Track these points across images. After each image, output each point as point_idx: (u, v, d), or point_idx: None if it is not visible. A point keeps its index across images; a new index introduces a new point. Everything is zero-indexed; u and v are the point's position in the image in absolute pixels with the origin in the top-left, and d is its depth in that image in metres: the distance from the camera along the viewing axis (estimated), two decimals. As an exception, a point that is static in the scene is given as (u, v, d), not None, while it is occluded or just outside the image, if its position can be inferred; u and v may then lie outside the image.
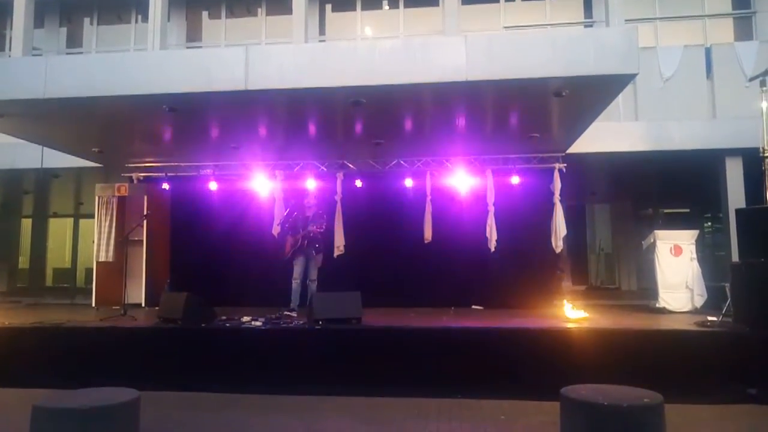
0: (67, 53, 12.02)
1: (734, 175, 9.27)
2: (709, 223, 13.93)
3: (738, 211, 7.56)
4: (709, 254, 12.45)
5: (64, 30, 12.37)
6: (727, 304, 7.06)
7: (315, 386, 6.05)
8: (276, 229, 9.06)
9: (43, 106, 6.58)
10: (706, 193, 10.93)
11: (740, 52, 9.46)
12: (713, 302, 7.86)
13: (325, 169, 9.60)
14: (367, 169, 9.54)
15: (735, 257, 7.88)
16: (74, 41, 12.43)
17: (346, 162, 9.56)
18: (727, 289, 7.26)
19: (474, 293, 9.02)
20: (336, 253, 9.19)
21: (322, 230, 8.02)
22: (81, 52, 12.07)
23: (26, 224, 17.40)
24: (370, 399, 5.88)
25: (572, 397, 4.14)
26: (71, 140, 8.51)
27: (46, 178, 11.10)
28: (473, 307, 8.89)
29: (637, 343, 6.09)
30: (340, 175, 9.48)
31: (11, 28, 10.88)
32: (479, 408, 5.61)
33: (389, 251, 9.16)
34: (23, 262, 17.22)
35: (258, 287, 8.82)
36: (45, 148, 8.84)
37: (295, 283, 8.13)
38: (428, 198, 9.27)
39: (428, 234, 9.19)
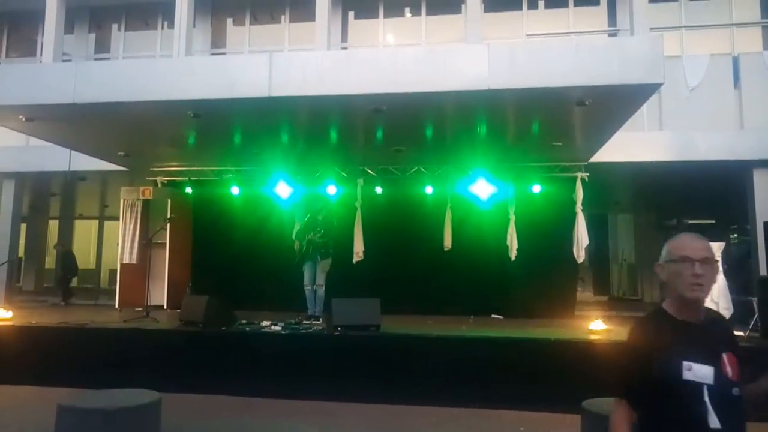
0: (96, 58, 12.28)
1: (762, 186, 9.05)
2: (736, 236, 13.64)
3: (766, 224, 7.40)
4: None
5: (93, 36, 12.65)
6: (754, 319, 6.91)
7: (333, 392, 6.07)
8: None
9: (72, 110, 6.72)
10: (732, 205, 10.71)
11: (769, 62, 9.28)
12: (740, 317, 7.68)
13: (345, 175, 9.63)
14: (388, 176, 9.55)
15: (763, 271, 7.70)
16: (102, 47, 12.70)
17: (366, 168, 9.59)
18: (755, 304, 7.10)
19: (494, 302, 8.96)
20: (355, 259, 9.21)
21: (326, 238, 7.91)
22: (108, 58, 12.33)
23: (53, 225, 17.79)
24: (387, 406, 5.88)
25: (594, 411, 4.08)
26: (98, 144, 8.69)
27: (73, 180, 11.32)
28: (493, 316, 8.82)
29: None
30: (360, 182, 9.51)
31: (43, 35, 11.16)
32: (498, 418, 5.57)
33: (409, 258, 9.14)
34: (49, 262, 17.59)
35: (278, 291, 8.86)
36: (73, 151, 9.03)
37: (308, 290, 8.15)
38: (448, 205, 9.26)
39: (448, 242, 9.16)
